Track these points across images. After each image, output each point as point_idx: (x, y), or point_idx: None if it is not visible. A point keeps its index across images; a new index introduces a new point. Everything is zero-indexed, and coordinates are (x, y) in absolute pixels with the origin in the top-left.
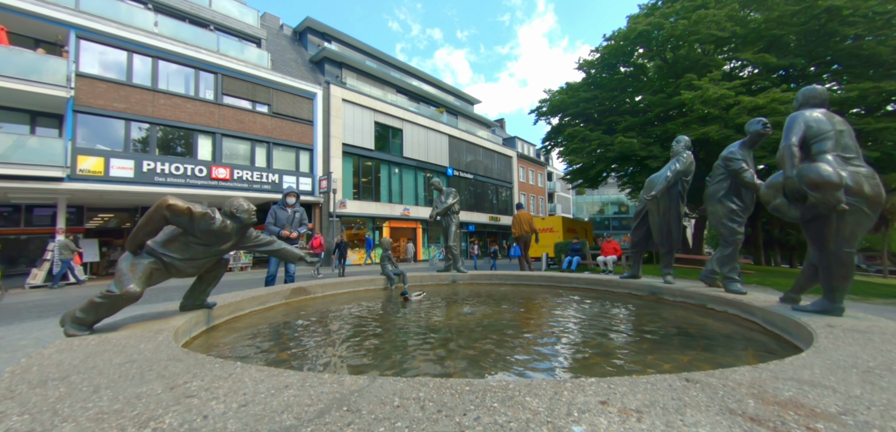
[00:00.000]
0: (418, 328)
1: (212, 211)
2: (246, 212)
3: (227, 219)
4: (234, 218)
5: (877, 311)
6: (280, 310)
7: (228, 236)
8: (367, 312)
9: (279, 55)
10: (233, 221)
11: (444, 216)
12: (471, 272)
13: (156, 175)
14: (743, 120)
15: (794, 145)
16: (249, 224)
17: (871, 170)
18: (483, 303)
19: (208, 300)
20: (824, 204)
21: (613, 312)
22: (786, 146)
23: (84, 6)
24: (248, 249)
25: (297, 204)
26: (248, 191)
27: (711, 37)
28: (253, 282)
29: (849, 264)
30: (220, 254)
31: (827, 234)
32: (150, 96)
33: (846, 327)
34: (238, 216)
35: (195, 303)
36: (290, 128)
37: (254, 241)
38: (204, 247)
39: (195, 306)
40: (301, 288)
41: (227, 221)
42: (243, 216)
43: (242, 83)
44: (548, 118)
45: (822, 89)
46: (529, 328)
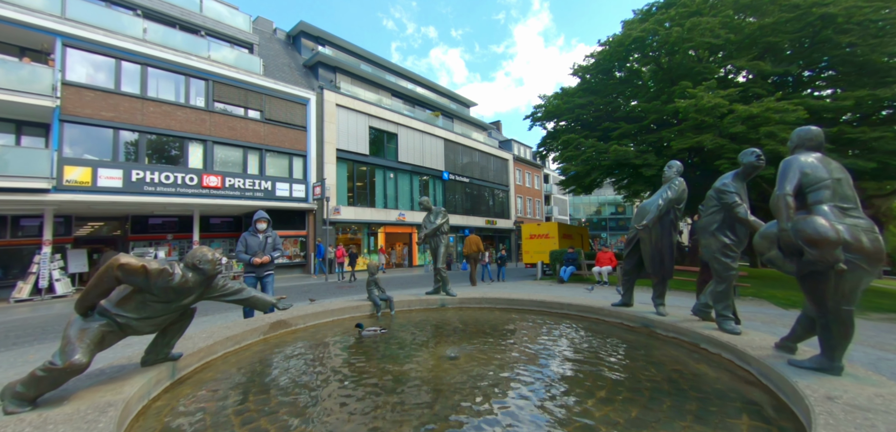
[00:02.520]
0: (382, 389)
1: (170, 266)
2: (210, 263)
3: (189, 271)
4: (196, 270)
5: (875, 333)
6: (256, 350)
7: (191, 290)
8: (340, 353)
9: (272, 60)
10: (195, 274)
11: (432, 237)
12: (461, 295)
13: (145, 184)
14: (737, 129)
15: (789, 195)
16: (214, 275)
17: (871, 223)
18: (469, 339)
19: (173, 352)
20: (821, 262)
21: (604, 354)
22: (780, 195)
23: (70, 13)
24: (216, 299)
25: (269, 228)
26: (240, 198)
27: (705, 44)
28: None
29: (848, 323)
30: (182, 309)
31: (825, 292)
32: (139, 104)
33: (846, 400)
34: (201, 268)
35: (158, 357)
36: (283, 134)
37: (221, 291)
38: (163, 304)
39: (158, 360)
40: (281, 321)
41: (189, 274)
42: (206, 268)
43: (234, 89)
44: (543, 123)
45: (818, 130)
46: (516, 382)
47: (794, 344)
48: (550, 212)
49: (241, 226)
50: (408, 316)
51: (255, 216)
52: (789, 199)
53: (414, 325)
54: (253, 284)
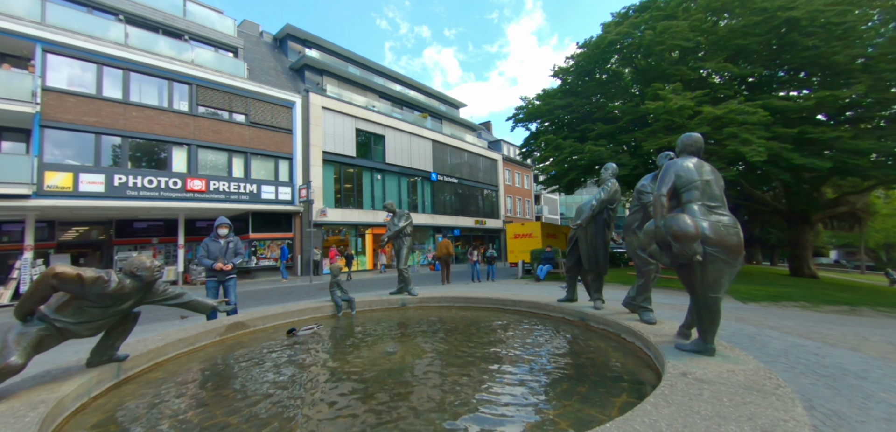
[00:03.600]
0: (312, 387)
1: (106, 274)
2: (148, 270)
3: (127, 278)
4: (134, 277)
5: (801, 321)
6: (210, 351)
7: (128, 296)
8: (287, 353)
9: (258, 63)
10: (133, 280)
11: (396, 239)
12: (422, 294)
13: (128, 189)
14: (703, 130)
15: (664, 195)
16: (152, 281)
17: (734, 220)
18: (415, 336)
19: (119, 353)
20: (682, 254)
21: (530, 344)
22: (657, 196)
23: (50, 19)
24: (158, 303)
25: (231, 233)
26: (225, 202)
27: (676, 46)
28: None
29: (715, 310)
30: (121, 314)
31: (694, 281)
32: (121, 109)
33: (696, 375)
34: (138, 275)
35: (102, 358)
36: (269, 137)
37: (162, 295)
38: (100, 309)
39: (103, 361)
40: (239, 322)
41: (126, 281)
42: (144, 274)
43: (218, 93)
44: (526, 124)
45: (698, 137)
46: (444, 376)
47: (689, 331)
48: (540, 211)
49: None
50: (368, 315)
51: (217, 222)
52: (663, 199)
53: (373, 323)
54: (215, 288)
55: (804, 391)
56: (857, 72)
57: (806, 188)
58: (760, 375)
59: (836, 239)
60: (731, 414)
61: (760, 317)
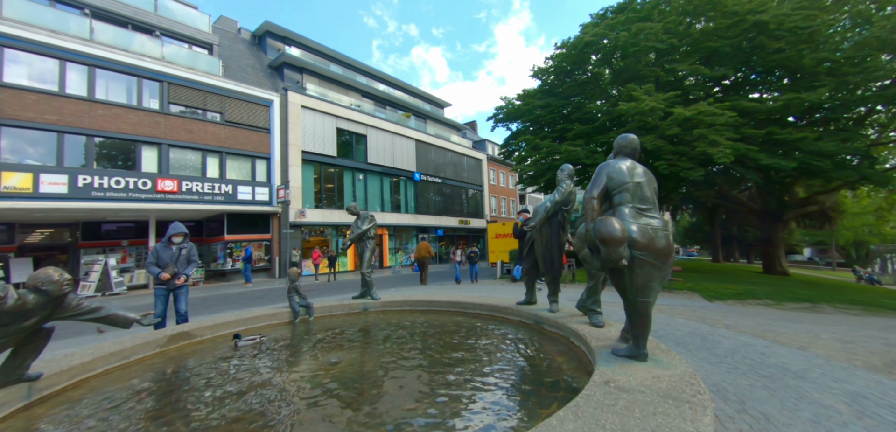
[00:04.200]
0: (228, 404)
1: (2, 289)
2: (54, 284)
3: (30, 294)
4: (39, 292)
5: (760, 319)
6: (146, 364)
7: (32, 312)
8: (228, 364)
9: (235, 61)
10: (37, 295)
11: (358, 242)
12: (384, 298)
13: (93, 190)
14: (673, 131)
15: (595, 198)
16: (60, 296)
17: (664, 222)
18: (366, 344)
19: (30, 372)
20: (609, 258)
21: (485, 351)
22: (587, 198)
23: (7, 13)
24: (72, 319)
25: (186, 241)
26: (199, 203)
27: (651, 49)
28: (204, 301)
29: (645, 314)
30: (25, 332)
31: (624, 285)
32: (86, 107)
33: (618, 383)
34: (44, 290)
35: (10, 378)
36: (245, 136)
37: (75, 310)
38: (0, 328)
39: (10, 382)
40: (184, 332)
41: (29, 297)
42: (50, 289)
43: (191, 91)
44: (506, 124)
45: (634, 138)
46: (379, 385)
47: (629, 334)
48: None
49: (202, 230)
50: (326, 321)
51: (171, 229)
52: (593, 202)
53: (329, 329)
54: (165, 297)
55: (741, 393)
56: (823, 75)
57: (778, 188)
58: (684, 382)
59: (809, 237)
60: (637, 426)
61: (721, 315)
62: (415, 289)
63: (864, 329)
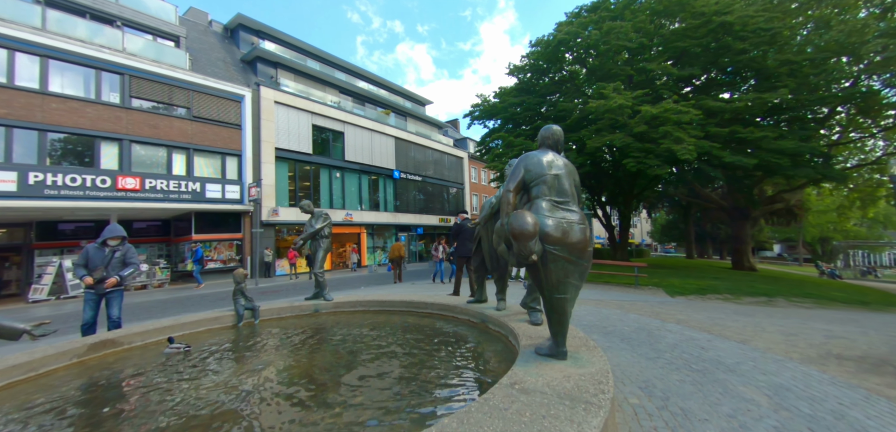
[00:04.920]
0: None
1: None
2: None
3: None
4: None
5: (714, 313)
6: (59, 376)
7: None
8: (148, 375)
9: (205, 54)
10: None
11: (311, 241)
12: (337, 299)
13: (46, 187)
14: (640, 129)
15: (510, 191)
16: None
17: (582, 216)
18: (302, 349)
19: None
20: (520, 254)
21: (419, 351)
22: (503, 192)
23: None
24: None
25: (123, 244)
26: (164, 201)
27: (621, 47)
28: (156, 304)
29: (561, 311)
30: None
31: (540, 281)
32: (38, 100)
33: (522, 386)
34: None
35: None
36: (214, 132)
37: None
38: None
39: None
40: (109, 340)
41: None
42: None
43: (155, 85)
44: (483, 122)
45: (557, 129)
46: (291, 395)
47: None
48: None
49: (169, 230)
50: (274, 324)
51: (106, 230)
52: (509, 196)
53: (271, 334)
54: (96, 300)
55: (668, 388)
56: (784, 76)
57: (745, 186)
58: (593, 381)
59: (778, 234)
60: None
61: (677, 310)
62: (384, 288)
63: (811, 322)
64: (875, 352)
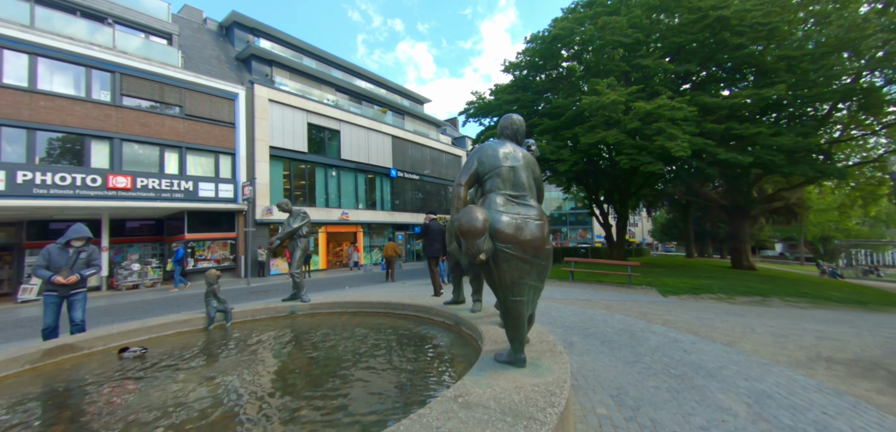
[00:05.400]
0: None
1: None
2: None
3: None
4: None
5: (705, 313)
6: (5, 385)
7: None
8: (106, 380)
9: (198, 52)
10: None
11: (290, 240)
12: (315, 299)
13: (35, 186)
14: (634, 125)
15: (461, 185)
16: None
17: (539, 212)
18: (271, 351)
19: None
20: (467, 252)
21: (389, 357)
22: (455, 186)
23: None
24: None
25: (87, 245)
26: (156, 200)
27: (616, 43)
28: (142, 304)
29: (516, 315)
30: None
31: (494, 282)
32: (26, 98)
33: (470, 398)
34: None
35: None
36: (207, 131)
37: None
38: None
39: None
40: (66, 345)
41: None
42: None
43: (147, 83)
44: (479, 119)
45: (517, 118)
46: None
47: None
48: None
49: (162, 229)
50: (247, 326)
51: (71, 231)
52: (460, 190)
53: (241, 337)
54: (57, 303)
55: (641, 396)
56: (782, 72)
57: (744, 184)
58: (543, 394)
59: (779, 232)
60: None
61: (666, 310)
62: (369, 288)
63: (804, 322)
64: (867, 355)
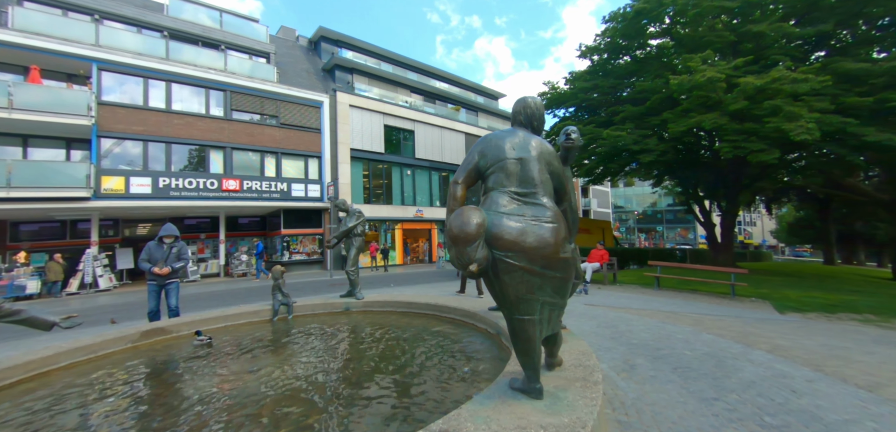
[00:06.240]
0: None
1: None
2: None
3: None
4: None
5: (836, 338)
6: (110, 360)
7: None
8: (147, 372)
9: (291, 67)
10: None
11: (345, 239)
12: (368, 298)
13: (171, 190)
14: (739, 105)
15: (458, 183)
16: None
17: (554, 212)
18: (311, 348)
19: None
20: (457, 261)
21: (423, 364)
22: (451, 183)
23: (103, 41)
24: None
25: (177, 242)
26: (258, 200)
27: (717, 8)
28: (250, 291)
29: (523, 337)
30: None
31: (498, 298)
32: (165, 117)
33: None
34: None
35: None
36: (298, 137)
37: None
38: None
39: None
40: (158, 328)
41: None
42: None
43: (250, 98)
44: (552, 111)
45: (533, 101)
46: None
47: (551, 361)
48: (588, 204)
49: (265, 225)
50: (307, 320)
51: (163, 229)
52: (456, 189)
53: (299, 329)
54: (156, 292)
55: None
56: None
57: None
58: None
59: None
60: None
61: (781, 333)
62: (425, 287)
63: None
64: None
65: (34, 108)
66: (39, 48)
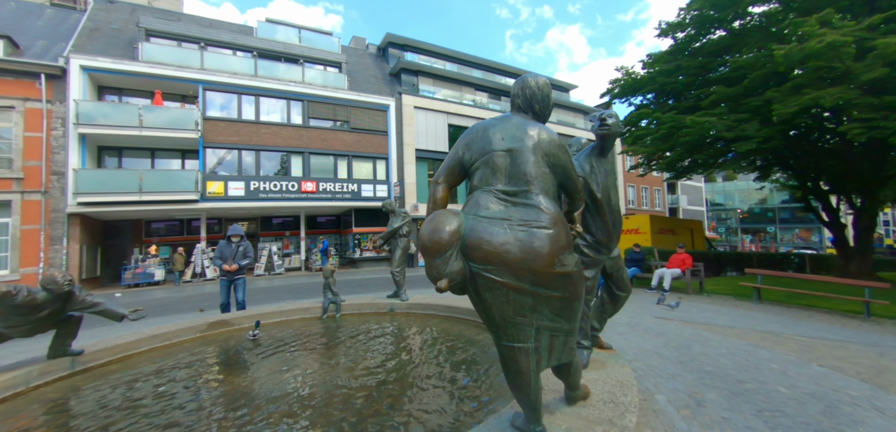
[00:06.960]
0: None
1: (14, 289)
2: (56, 284)
3: (40, 291)
4: (46, 290)
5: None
6: (183, 348)
7: (43, 305)
8: (213, 362)
9: (361, 74)
10: (45, 293)
11: (391, 240)
12: (412, 299)
13: (260, 193)
14: (876, 74)
15: (439, 183)
16: (62, 292)
17: (551, 216)
18: (352, 348)
19: (73, 348)
20: (427, 273)
21: (448, 355)
22: (431, 184)
23: (207, 64)
24: (78, 311)
25: (243, 241)
26: (331, 200)
27: None
28: (287, 288)
29: (514, 367)
30: (45, 320)
31: (483, 319)
32: (254, 128)
33: None
34: (48, 288)
35: (57, 353)
36: (367, 140)
37: (80, 304)
38: (21, 317)
39: (58, 355)
40: (223, 320)
41: (40, 293)
42: (53, 288)
43: (324, 106)
44: (627, 99)
45: (535, 81)
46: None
47: (571, 394)
48: (676, 201)
49: (339, 223)
50: (353, 319)
51: (230, 229)
52: (437, 190)
53: (344, 328)
54: (227, 286)
55: None
56: None
57: None
58: None
59: None
60: None
61: None
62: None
63: None
64: None
65: (158, 125)
66: (161, 75)
